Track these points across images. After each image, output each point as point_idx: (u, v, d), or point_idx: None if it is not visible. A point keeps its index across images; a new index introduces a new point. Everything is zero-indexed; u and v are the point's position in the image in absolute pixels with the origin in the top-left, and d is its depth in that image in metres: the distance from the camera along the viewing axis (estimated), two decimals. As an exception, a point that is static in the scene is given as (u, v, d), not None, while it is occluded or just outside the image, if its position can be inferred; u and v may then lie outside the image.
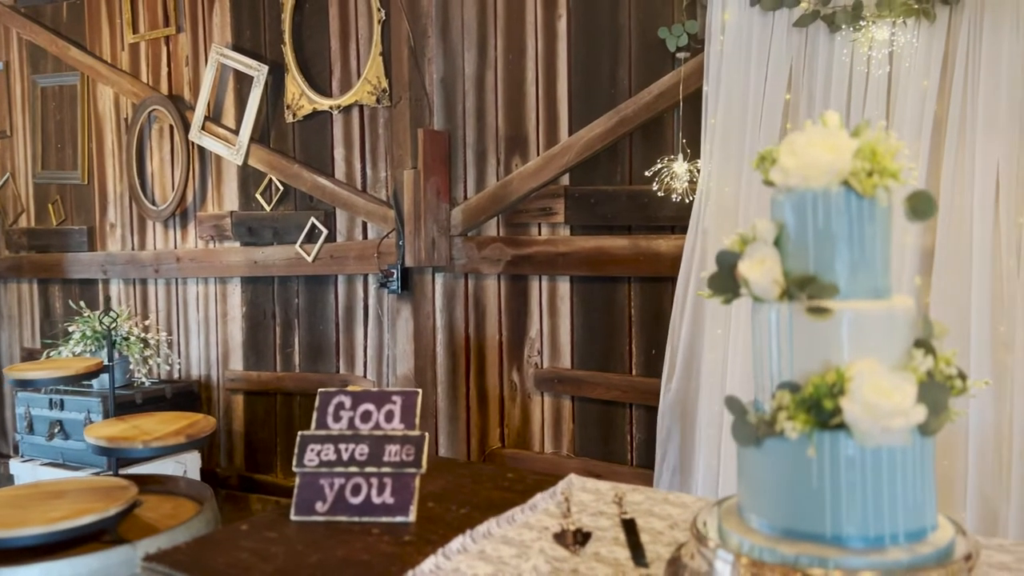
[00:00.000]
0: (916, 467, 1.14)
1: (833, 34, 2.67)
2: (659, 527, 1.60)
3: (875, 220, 1.18)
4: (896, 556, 1.12)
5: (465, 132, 3.66)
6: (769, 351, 1.21)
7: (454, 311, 3.73)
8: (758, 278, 1.20)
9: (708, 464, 2.89)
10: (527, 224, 3.50)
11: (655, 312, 3.22)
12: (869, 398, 1.08)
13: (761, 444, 1.19)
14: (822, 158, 1.17)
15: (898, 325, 1.17)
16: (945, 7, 2.50)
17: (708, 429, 2.90)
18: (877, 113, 2.57)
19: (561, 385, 3.46)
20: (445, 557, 1.46)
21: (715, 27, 2.91)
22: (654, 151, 3.14)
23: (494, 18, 3.56)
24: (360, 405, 1.79)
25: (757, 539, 1.19)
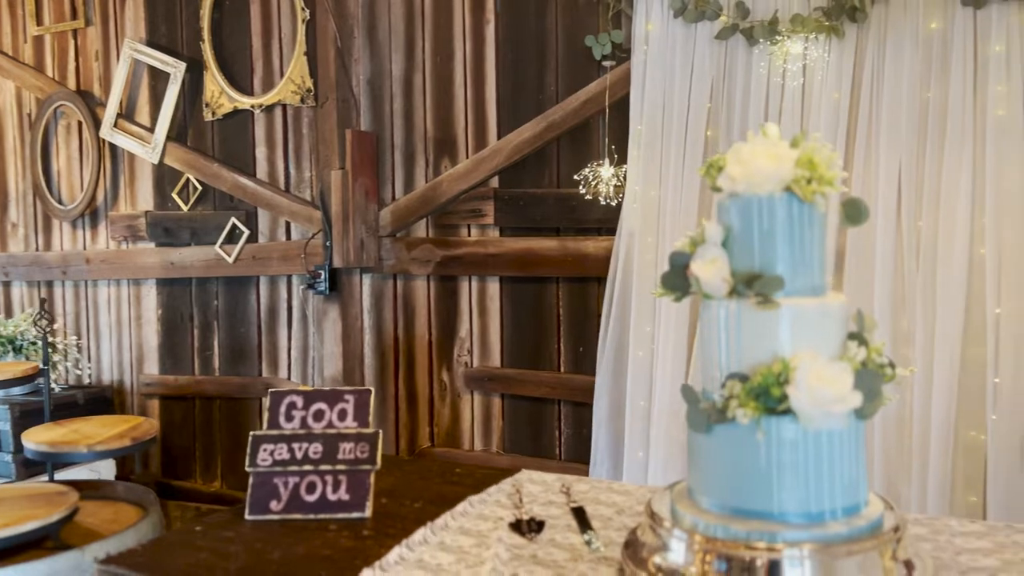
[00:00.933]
0: (852, 448, 1.26)
1: (751, 47, 2.83)
2: (607, 513, 1.69)
3: (813, 223, 1.30)
4: (836, 529, 1.23)
5: (393, 133, 3.68)
6: (718, 344, 1.31)
7: (383, 312, 3.74)
8: (708, 277, 1.29)
9: (633, 457, 3.01)
10: (457, 225, 3.55)
11: (583, 311, 3.32)
12: (812, 386, 1.19)
13: (712, 430, 1.29)
14: (766, 167, 1.27)
15: (834, 319, 1.29)
16: (853, 25, 2.69)
17: (635, 423, 3.02)
18: (793, 123, 2.74)
19: (491, 383, 3.52)
20: (408, 548, 1.50)
21: (639, 37, 3.03)
22: (581, 155, 3.24)
23: (421, 21, 3.60)
24: (313, 404, 1.81)
25: (709, 518, 1.29)
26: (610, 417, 3.13)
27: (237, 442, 4.16)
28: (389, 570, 1.42)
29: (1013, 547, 1.46)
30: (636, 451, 3.03)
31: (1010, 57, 2.53)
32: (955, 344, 2.59)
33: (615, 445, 3.12)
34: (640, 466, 2.98)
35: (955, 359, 2.59)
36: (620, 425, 3.09)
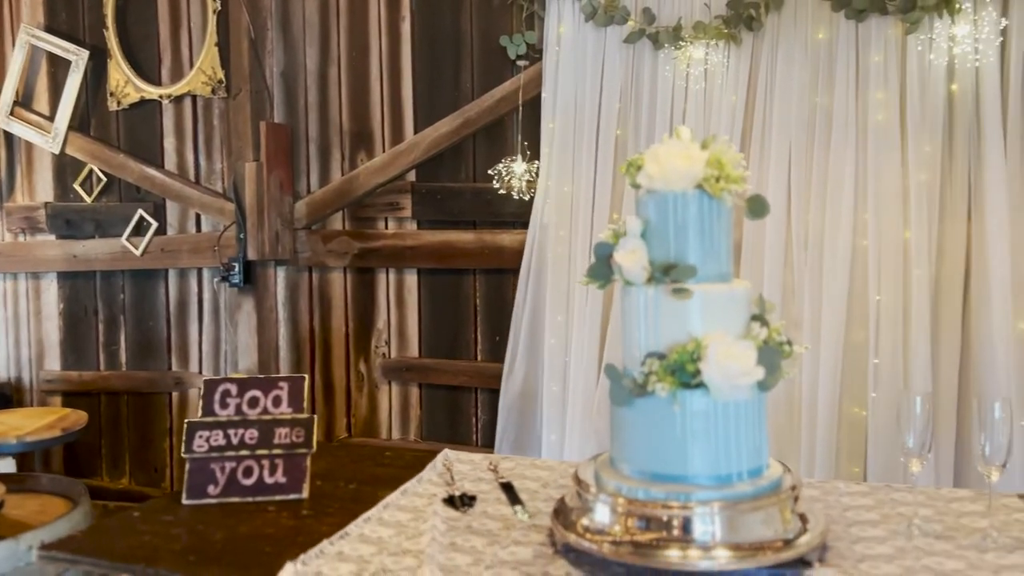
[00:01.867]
0: (755, 417, 1.42)
1: (657, 51, 3.01)
2: (533, 487, 1.81)
3: (721, 217, 1.45)
4: (742, 489, 1.39)
5: (308, 126, 3.70)
6: (638, 326, 1.45)
7: (298, 304, 3.76)
8: (630, 265, 1.43)
9: (550, 441, 3.15)
10: (374, 218, 3.61)
11: (499, 302, 3.44)
12: (722, 362, 1.34)
13: (633, 404, 1.43)
14: (680, 166, 1.41)
15: (740, 303, 1.45)
16: (750, 33, 2.89)
17: (551, 408, 3.16)
18: (696, 124, 2.93)
19: (409, 373, 3.60)
20: (356, 524, 1.58)
21: (552, 39, 3.16)
22: (496, 151, 3.36)
23: (336, 16, 3.63)
24: (247, 392, 1.86)
25: (630, 483, 1.42)
26: (523, 402, 3.27)
27: (146, 438, 4.10)
28: (335, 543, 1.50)
29: (891, 503, 1.66)
30: (551, 434, 3.17)
31: (887, 67, 2.78)
32: (839, 329, 2.83)
33: (528, 430, 3.26)
34: (555, 449, 3.12)
35: (839, 342, 2.83)
36: (534, 409, 3.23)
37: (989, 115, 2.69)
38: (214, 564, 1.45)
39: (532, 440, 3.26)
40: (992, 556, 1.39)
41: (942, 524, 1.53)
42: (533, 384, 3.24)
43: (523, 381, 3.26)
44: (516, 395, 3.26)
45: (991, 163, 2.69)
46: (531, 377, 3.25)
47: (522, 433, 3.27)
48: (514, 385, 3.27)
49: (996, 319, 2.68)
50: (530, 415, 3.24)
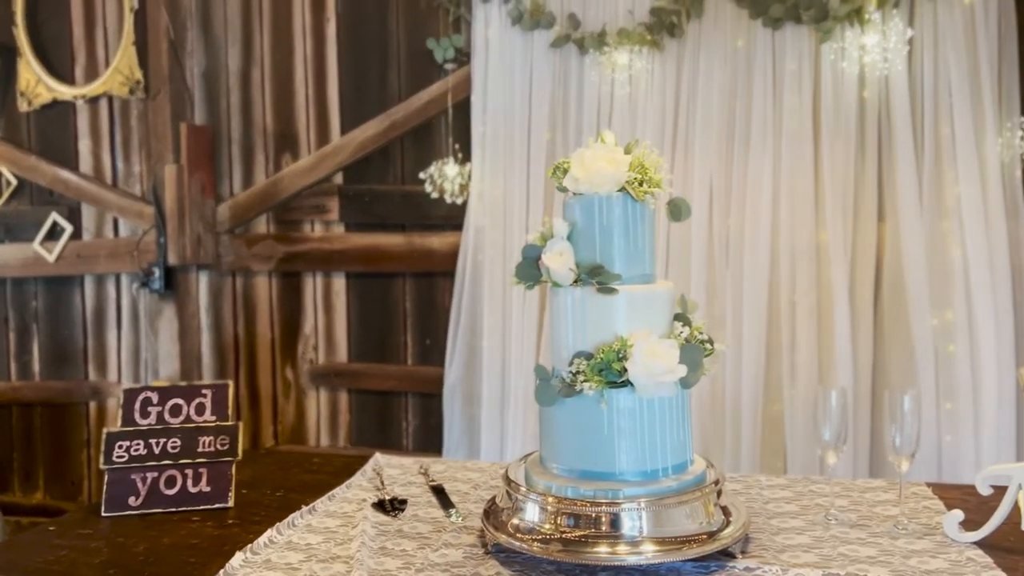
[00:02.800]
0: (679, 414, 1.45)
1: (583, 56, 3.05)
2: (464, 489, 1.82)
3: (644, 220, 1.48)
4: (667, 484, 1.42)
5: (230, 128, 3.63)
6: (566, 327, 1.47)
7: (221, 310, 3.68)
8: (557, 267, 1.45)
9: (490, 442, 3.16)
10: (300, 221, 3.56)
11: (429, 305, 3.43)
12: (646, 360, 1.37)
13: (561, 403, 1.45)
14: (605, 170, 1.44)
15: (662, 303, 1.48)
16: (673, 40, 2.96)
17: (489, 410, 3.17)
18: (622, 127, 2.98)
19: (338, 379, 3.56)
20: (278, 532, 1.56)
21: (479, 43, 3.18)
22: (426, 154, 3.35)
23: (259, 17, 3.57)
24: (169, 400, 1.81)
25: (560, 481, 1.44)
26: (464, 405, 3.27)
27: (62, 449, 3.95)
28: (260, 552, 1.48)
29: (809, 495, 1.72)
30: (491, 437, 3.18)
31: (802, 74, 2.89)
32: (760, 327, 2.92)
33: (470, 432, 3.26)
34: (495, 451, 3.13)
35: (761, 341, 2.92)
36: (475, 412, 3.23)
37: (898, 121, 2.81)
38: (136, 577, 1.41)
39: (475, 442, 3.26)
40: (902, 542, 1.45)
41: (857, 514, 1.59)
42: (472, 387, 3.24)
43: (463, 383, 3.26)
44: (457, 398, 3.26)
45: (902, 167, 2.82)
46: (469, 379, 3.25)
47: (470, 436, 3.27)
48: (453, 387, 3.27)
49: (911, 316, 2.80)
50: (471, 418, 3.24)
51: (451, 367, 3.25)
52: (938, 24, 2.76)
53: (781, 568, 1.35)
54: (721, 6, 2.92)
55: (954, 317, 2.77)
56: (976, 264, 2.74)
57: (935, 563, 1.36)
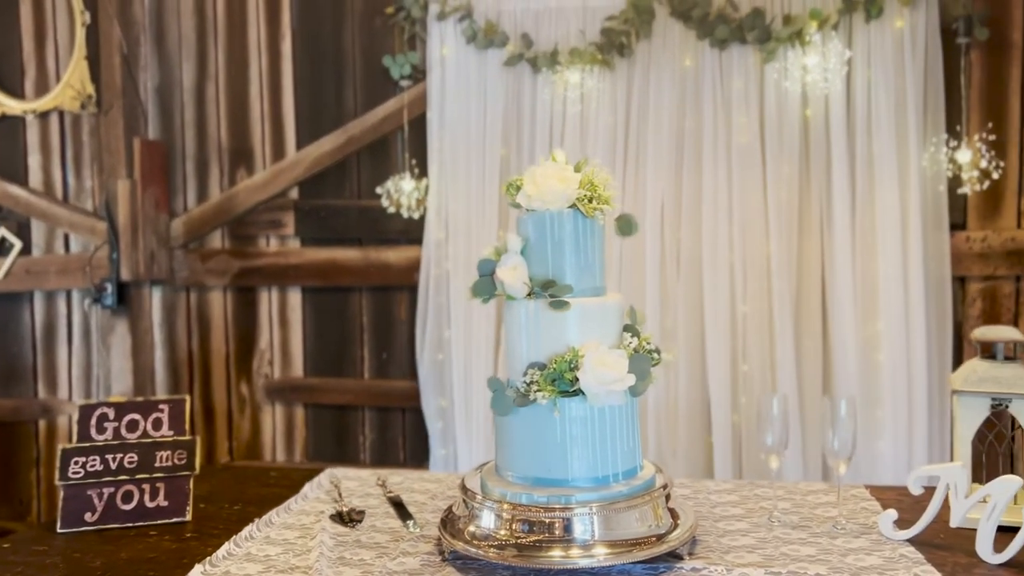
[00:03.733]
0: (628, 421, 1.51)
1: (536, 74, 3.12)
2: (421, 499, 1.85)
3: (594, 235, 1.54)
4: (618, 489, 1.47)
5: (184, 143, 3.62)
6: (520, 339, 1.52)
7: (175, 325, 3.66)
8: (511, 281, 1.50)
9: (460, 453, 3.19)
10: (255, 236, 3.56)
11: (387, 318, 3.45)
12: (597, 369, 1.42)
13: (516, 412, 1.49)
14: (556, 187, 1.50)
15: (612, 315, 1.54)
16: (623, 59, 3.04)
17: (450, 422, 3.21)
18: (574, 144, 3.05)
19: (294, 394, 3.56)
20: (236, 544, 1.58)
21: (435, 60, 3.23)
22: (382, 169, 3.38)
23: (214, 32, 3.57)
24: (125, 415, 1.81)
25: (514, 488, 1.49)
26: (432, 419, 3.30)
27: (10, 469, 3.87)
28: (219, 564, 1.49)
29: (754, 498, 1.79)
30: (437, 449, 3.21)
31: (748, 92, 2.99)
32: (711, 338, 3.00)
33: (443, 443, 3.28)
34: (466, 461, 3.15)
35: (712, 351, 3.00)
36: (446, 426, 3.27)
37: (836, 138, 2.93)
38: (93, 592, 1.41)
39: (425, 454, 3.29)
40: (841, 541, 1.52)
41: (799, 515, 1.66)
42: (439, 399, 3.28)
43: (433, 397, 3.29)
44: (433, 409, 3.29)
45: (837, 183, 2.93)
46: (437, 392, 3.28)
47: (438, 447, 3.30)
48: (428, 400, 3.29)
49: (846, 325, 2.92)
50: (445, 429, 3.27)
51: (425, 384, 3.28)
52: (871, 46, 2.89)
53: (726, 568, 1.41)
54: (669, 27, 3.02)
55: (882, 327, 2.88)
56: (902, 276, 2.86)
57: (870, 560, 1.43)
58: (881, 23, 2.87)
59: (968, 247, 2.95)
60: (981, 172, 2.87)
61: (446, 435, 3.28)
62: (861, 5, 2.86)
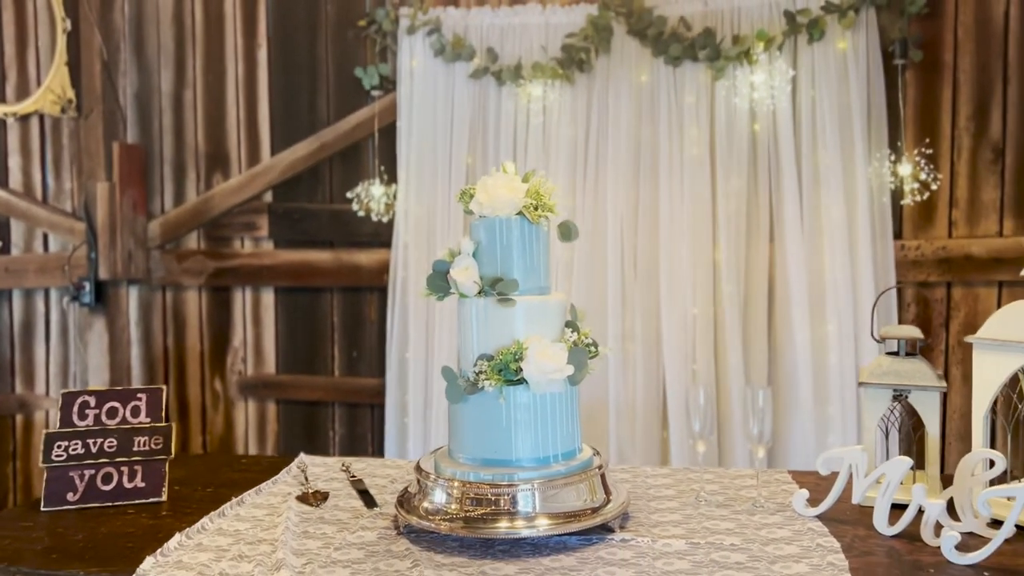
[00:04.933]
0: (568, 408, 1.67)
1: (501, 87, 3.28)
2: (382, 483, 2.00)
3: (539, 239, 1.70)
4: (557, 468, 1.63)
5: (162, 147, 3.74)
6: (471, 333, 1.67)
7: (151, 323, 3.77)
8: (463, 280, 1.65)
9: (417, 449, 3.34)
10: (230, 238, 3.69)
11: (357, 318, 3.60)
12: (539, 361, 1.58)
13: (466, 400, 1.65)
14: (505, 196, 1.65)
15: (555, 312, 1.70)
16: (583, 74, 3.22)
17: (415, 417, 3.36)
18: (537, 154, 3.22)
19: (266, 390, 3.69)
20: (210, 520, 1.72)
21: (404, 72, 3.38)
22: (354, 174, 3.53)
23: (192, 40, 3.70)
24: (106, 403, 1.94)
25: (464, 468, 1.64)
26: (398, 415, 3.44)
27: (-14, 464, 3.97)
28: (193, 537, 1.63)
29: (687, 481, 1.96)
30: (417, 444, 3.36)
31: (699, 107, 3.17)
32: (667, 339, 3.17)
33: (400, 441, 3.43)
34: (416, 455, 3.30)
35: (669, 351, 3.17)
36: (405, 421, 3.41)
37: (784, 151, 3.12)
38: (77, 561, 1.54)
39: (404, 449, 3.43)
40: (758, 518, 1.69)
41: (724, 496, 1.83)
42: (403, 395, 3.42)
43: (396, 393, 3.43)
44: (395, 407, 3.43)
45: (787, 193, 3.12)
46: (402, 390, 3.43)
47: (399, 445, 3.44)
48: (392, 399, 3.44)
49: (797, 327, 3.10)
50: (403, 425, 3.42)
51: (391, 380, 3.42)
52: (815, 66, 3.08)
53: (652, 539, 1.57)
54: (626, 44, 3.19)
55: (831, 330, 3.07)
56: (851, 282, 3.05)
57: (781, 533, 1.60)
58: (824, 44, 3.06)
59: (903, 255, 3.14)
60: (921, 184, 3.06)
61: (414, 431, 3.42)
62: (804, 27, 3.05)
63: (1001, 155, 3.07)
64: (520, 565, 1.48)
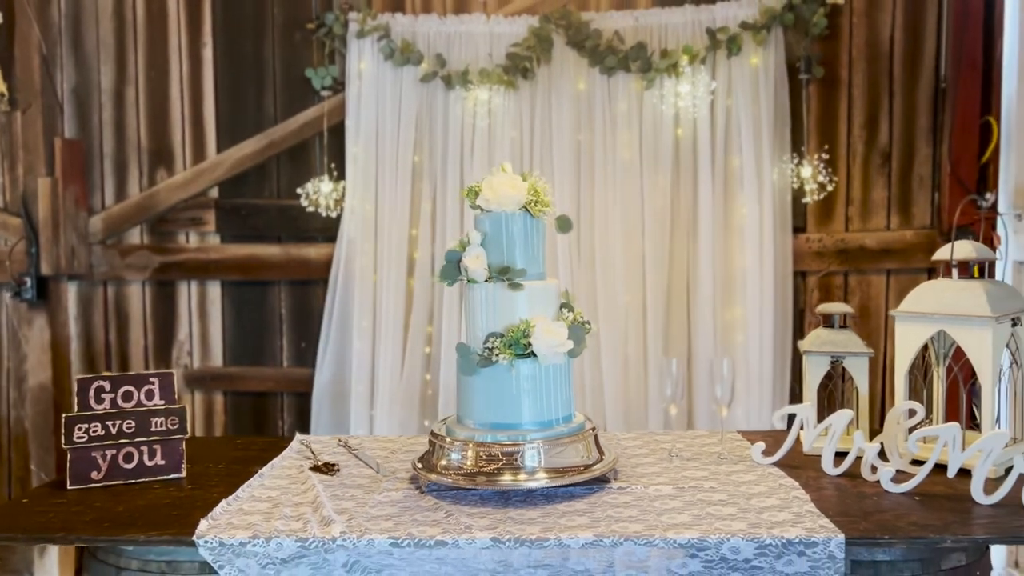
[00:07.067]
0: (565, 378, 1.92)
1: (449, 91, 3.49)
2: (383, 455, 2.19)
3: (539, 232, 1.94)
4: (559, 430, 1.88)
5: (102, 142, 3.74)
6: (481, 314, 1.90)
7: (92, 318, 3.77)
8: (475, 267, 1.88)
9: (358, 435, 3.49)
10: (175, 232, 3.73)
11: (305, 311, 3.72)
12: (546, 337, 1.82)
13: (478, 372, 1.87)
14: (509, 193, 1.89)
15: (552, 295, 1.94)
16: (526, 81, 3.47)
17: (358, 405, 3.52)
18: (482, 155, 3.45)
19: (214, 382, 3.76)
20: (241, 490, 1.87)
21: (353, 74, 3.54)
22: (302, 171, 3.65)
23: (134, 37, 3.72)
24: (120, 387, 2.05)
25: (477, 432, 1.87)
26: (332, 402, 3.59)
27: (-91, 466, 3.85)
28: (233, 504, 1.79)
29: (654, 442, 2.25)
30: (359, 429, 3.52)
31: (631, 114, 3.48)
32: (604, 324, 3.46)
33: (339, 428, 3.58)
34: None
35: (605, 335, 3.46)
36: (344, 409, 3.56)
37: (702, 154, 3.47)
38: (132, 526, 1.67)
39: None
40: (725, 467, 2.00)
41: (691, 452, 2.13)
42: (342, 384, 3.57)
43: (332, 382, 3.58)
44: (326, 396, 3.58)
45: (702, 193, 3.47)
46: (339, 378, 3.58)
47: (332, 430, 3.58)
48: (323, 386, 3.58)
49: (708, 311, 3.46)
50: (341, 414, 3.57)
51: (322, 369, 3.57)
52: (732, 79, 3.45)
53: (643, 486, 1.85)
54: (566, 54, 3.47)
55: (739, 313, 3.45)
56: (758, 270, 3.43)
57: (747, 477, 1.91)
58: (740, 59, 3.44)
59: (808, 247, 3.56)
60: (819, 185, 3.48)
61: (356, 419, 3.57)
62: (724, 44, 3.41)
63: (888, 160, 3.53)
64: (540, 511, 1.73)
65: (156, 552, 1.68)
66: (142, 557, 1.70)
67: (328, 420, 3.60)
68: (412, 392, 3.54)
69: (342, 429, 3.57)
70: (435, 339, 3.55)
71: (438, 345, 3.53)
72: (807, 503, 1.72)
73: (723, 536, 1.56)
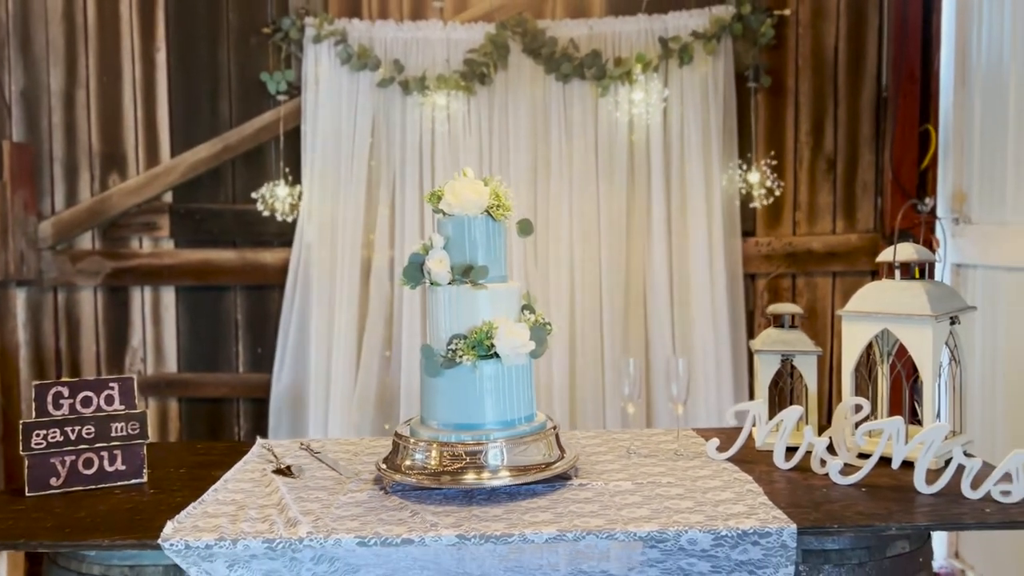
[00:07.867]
0: (527, 378, 1.96)
1: (407, 96, 3.52)
2: (345, 456, 2.20)
3: (500, 235, 1.98)
4: (521, 429, 1.92)
5: (52, 146, 3.68)
6: (444, 316, 1.93)
7: (42, 325, 3.70)
8: (438, 270, 1.91)
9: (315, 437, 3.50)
10: (128, 237, 3.69)
11: (261, 316, 3.71)
12: (509, 338, 1.86)
13: (442, 373, 1.90)
14: (471, 197, 1.93)
15: (514, 297, 1.99)
16: (483, 87, 3.51)
17: (316, 410, 3.52)
18: (443, 160, 3.48)
19: (168, 388, 3.72)
20: (206, 494, 1.87)
21: (310, 78, 3.54)
22: (258, 176, 3.64)
23: (84, 40, 3.67)
24: (79, 392, 2.03)
25: (442, 432, 1.90)
26: (291, 406, 3.58)
27: None
28: (198, 508, 1.79)
29: (612, 440, 2.30)
30: (316, 432, 3.52)
31: (586, 120, 3.55)
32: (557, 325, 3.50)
33: (296, 432, 3.57)
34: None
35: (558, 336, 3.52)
36: (302, 412, 3.56)
37: (655, 160, 3.55)
38: (95, 532, 1.67)
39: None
40: (682, 463, 2.06)
41: (648, 449, 2.19)
42: (300, 389, 3.57)
43: (290, 386, 3.57)
44: (284, 399, 3.57)
45: (655, 197, 3.56)
46: (297, 383, 3.57)
47: (295, 435, 3.57)
48: (281, 390, 3.57)
49: (663, 312, 3.54)
50: (300, 418, 3.56)
51: (281, 371, 3.57)
52: (684, 87, 3.54)
53: (604, 482, 1.90)
54: (523, 61, 3.52)
55: (693, 313, 3.54)
56: (708, 272, 3.53)
57: (703, 472, 1.97)
58: (691, 68, 3.53)
59: (757, 250, 3.67)
60: (766, 190, 3.59)
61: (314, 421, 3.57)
62: (676, 53, 3.50)
63: (833, 166, 3.66)
64: (503, 508, 1.76)
65: (120, 557, 1.68)
66: (105, 562, 1.69)
67: (287, 425, 3.59)
68: (370, 396, 3.56)
69: (301, 434, 3.57)
70: (395, 342, 3.57)
71: (398, 348, 3.55)
72: (760, 496, 1.79)
73: (681, 528, 1.61)
